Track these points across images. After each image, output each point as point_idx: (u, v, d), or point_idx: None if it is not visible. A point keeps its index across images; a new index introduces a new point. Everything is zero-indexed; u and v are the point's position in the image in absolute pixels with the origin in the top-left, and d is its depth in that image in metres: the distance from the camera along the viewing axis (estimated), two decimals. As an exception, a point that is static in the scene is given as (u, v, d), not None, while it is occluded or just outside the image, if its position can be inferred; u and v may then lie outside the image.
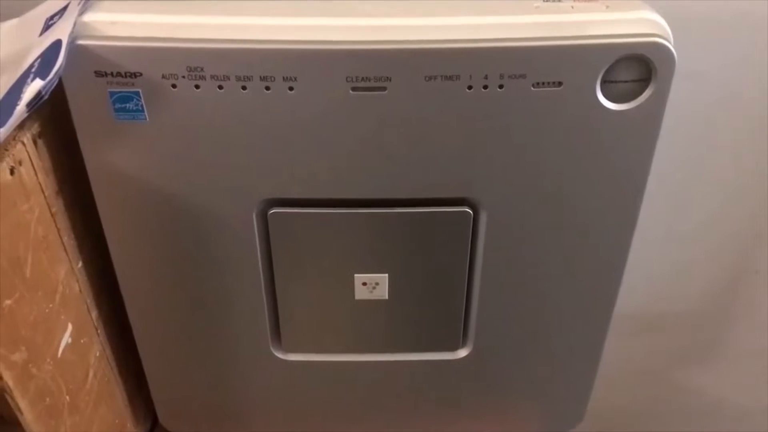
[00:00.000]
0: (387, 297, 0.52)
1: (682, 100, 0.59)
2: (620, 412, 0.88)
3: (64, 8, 0.45)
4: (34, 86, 0.38)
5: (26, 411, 0.42)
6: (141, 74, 0.41)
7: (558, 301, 0.53)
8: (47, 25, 0.45)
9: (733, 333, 0.81)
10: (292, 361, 0.56)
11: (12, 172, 0.40)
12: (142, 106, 0.42)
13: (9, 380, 0.40)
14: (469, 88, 0.41)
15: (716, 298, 0.77)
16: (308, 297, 0.52)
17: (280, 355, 0.55)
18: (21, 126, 0.41)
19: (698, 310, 0.78)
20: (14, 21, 0.49)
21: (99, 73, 0.41)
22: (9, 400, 0.41)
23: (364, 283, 0.51)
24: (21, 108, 0.38)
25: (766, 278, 0.75)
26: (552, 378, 0.58)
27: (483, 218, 0.48)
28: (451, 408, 0.60)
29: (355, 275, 0.51)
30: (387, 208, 0.47)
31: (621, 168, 0.45)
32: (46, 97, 0.38)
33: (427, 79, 0.41)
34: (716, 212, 0.70)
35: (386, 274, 0.51)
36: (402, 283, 0.51)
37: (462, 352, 0.56)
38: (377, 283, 0.51)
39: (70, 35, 0.40)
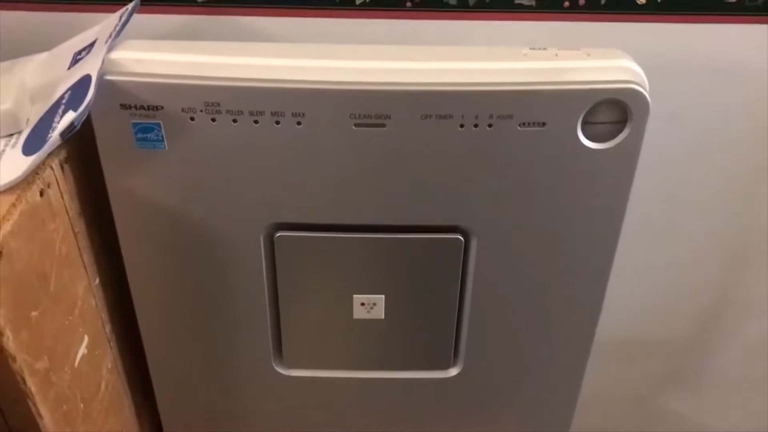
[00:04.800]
0: (383, 317, 0.54)
1: (665, 140, 0.63)
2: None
3: (92, 44, 0.48)
4: (67, 118, 0.41)
5: (46, 416, 0.44)
6: (162, 107, 0.44)
7: (543, 323, 0.55)
8: (75, 60, 0.48)
9: (714, 360, 0.82)
10: (292, 377, 0.58)
11: (42, 194, 0.42)
12: (162, 136, 0.45)
13: (32, 386, 0.42)
14: (461, 126, 0.44)
15: (698, 327, 0.79)
16: (309, 315, 0.55)
17: (282, 371, 0.58)
18: (49, 152, 0.44)
19: (680, 339, 0.80)
20: (44, 54, 0.52)
21: (124, 106, 0.44)
22: (31, 405, 0.43)
23: (362, 304, 0.53)
24: (55, 137, 0.41)
25: (740, 309, 0.77)
26: (537, 397, 0.60)
27: (473, 245, 0.50)
28: (441, 424, 0.62)
29: (354, 296, 0.53)
30: (385, 234, 0.50)
31: (600, 201, 0.48)
32: (78, 127, 0.41)
33: (423, 117, 0.44)
34: (701, 244, 0.73)
35: (383, 296, 0.53)
36: (398, 304, 0.54)
37: (453, 371, 0.58)
38: (374, 304, 0.53)
39: (99, 71, 0.43)
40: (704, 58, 0.59)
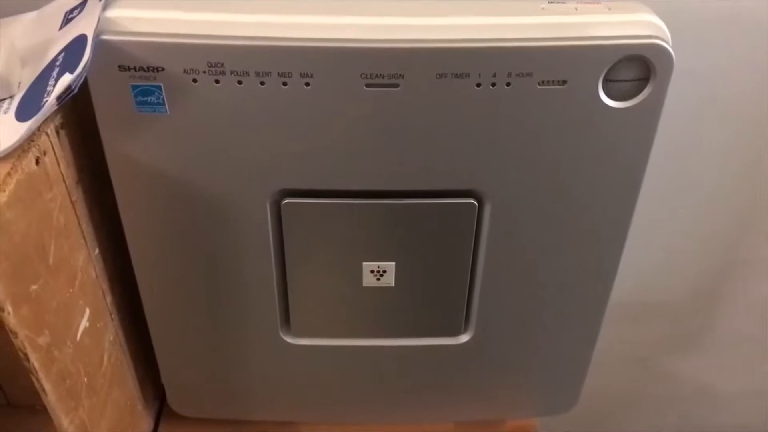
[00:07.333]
0: (393, 284, 0.53)
1: (677, 96, 0.62)
2: (610, 396, 0.90)
3: (84, 2, 0.46)
4: (64, 80, 0.39)
5: (50, 392, 0.44)
6: (163, 69, 0.42)
7: (556, 289, 0.54)
8: (67, 19, 0.46)
9: (719, 321, 0.83)
10: (300, 346, 0.57)
11: (37, 162, 0.41)
12: (163, 99, 0.43)
13: (35, 362, 0.41)
14: (478, 85, 0.42)
15: (703, 288, 0.80)
16: (317, 283, 0.54)
17: (289, 340, 0.57)
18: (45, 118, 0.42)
19: (685, 300, 0.81)
20: (33, 14, 0.50)
21: (122, 68, 0.42)
22: (34, 381, 0.43)
23: (372, 271, 0.52)
24: (51, 101, 0.39)
25: (747, 269, 0.77)
26: (549, 363, 0.60)
27: (487, 210, 0.49)
28: (453, 391, 0.62)
29: (364, 263, 0.52)
30: (396, 199, 0.49)
31: (620, 162, 0.47)
32: (75, 90, 0.39)
33: (438, 76, 0.42)
34: (705, 205, 0.72)
35: (393, 263, 0.52)
36: (408, 271, 0.52)
37: (464, 338, 0.57)
38: (384, 271, 0.52)
39: (95, 30, 0.41)
40: (720, 11, 0.58)
